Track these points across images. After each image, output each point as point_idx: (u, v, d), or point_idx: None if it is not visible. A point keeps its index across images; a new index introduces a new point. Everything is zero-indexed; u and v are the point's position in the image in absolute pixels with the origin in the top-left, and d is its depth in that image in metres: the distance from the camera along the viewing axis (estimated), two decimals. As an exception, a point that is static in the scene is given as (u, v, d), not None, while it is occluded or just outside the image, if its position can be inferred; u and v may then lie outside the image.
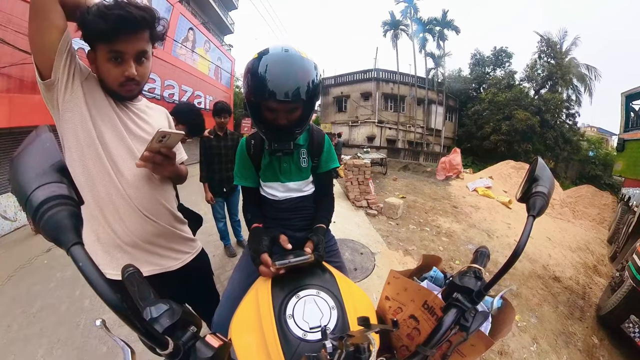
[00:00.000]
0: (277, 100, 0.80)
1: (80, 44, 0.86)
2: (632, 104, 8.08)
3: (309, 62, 0.85)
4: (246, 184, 1.14)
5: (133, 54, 0.80)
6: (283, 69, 0.80)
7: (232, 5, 18.90)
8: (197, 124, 1.80)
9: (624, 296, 2.21)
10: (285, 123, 0.88)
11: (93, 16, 0.73)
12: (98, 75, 0.84)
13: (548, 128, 18.69)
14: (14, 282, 2.66)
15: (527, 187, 0.61)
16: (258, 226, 1.03)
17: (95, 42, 0.79)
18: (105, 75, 0.82)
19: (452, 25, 20.86)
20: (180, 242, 1.08)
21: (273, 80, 0.79)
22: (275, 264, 0.78)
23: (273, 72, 0.79)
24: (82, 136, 0.81)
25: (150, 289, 0.47)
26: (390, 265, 3.06)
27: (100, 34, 0.75)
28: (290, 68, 0.81)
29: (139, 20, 0.76)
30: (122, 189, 0.87)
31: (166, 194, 1.01)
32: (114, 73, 0.80)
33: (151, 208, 0.94)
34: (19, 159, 0.37)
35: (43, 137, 0.39)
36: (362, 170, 5.57)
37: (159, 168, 0.87)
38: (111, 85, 0.83)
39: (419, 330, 0.70)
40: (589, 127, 29.04)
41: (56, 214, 0.34)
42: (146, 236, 0.94)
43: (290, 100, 0.81)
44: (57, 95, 0.77)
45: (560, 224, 6.28)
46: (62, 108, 0.78)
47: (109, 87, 0.84)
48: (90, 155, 0.82)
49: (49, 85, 0.76)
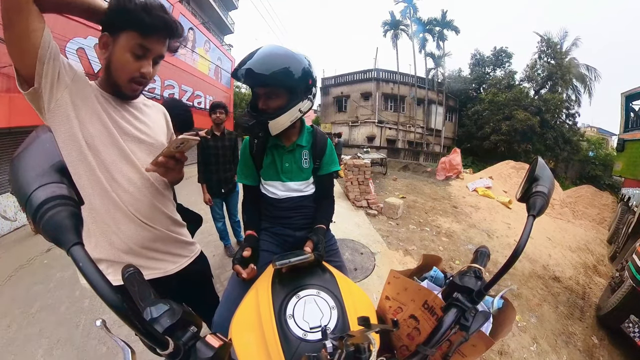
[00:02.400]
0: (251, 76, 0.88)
1: (81, 44, 0.85)
2: (632, 104, 8.10)
3: (294, 53, 0.93)
4: (247, 182, 1.17)
5: (155, 55, 0.81)
6: (264, 53, 0.90)
7: (232, 5, 18.91)
8: (185, 119, 1.76)
9: (623, 296, 2.21)
10: (263, 107, 0.97)
11: (136, 6, 0.73)
12: (107, 63, 0.78)
13: (548, 128, 18.70)
14: (14, 282, 2.66)
15: (527, 187, 0.61)
16: (252, 234, 1.04)
17: (123, 30, 0.75)
18: (118, 65, 0.77)
19: (452, 25, 20.87)
20: (178, 246, 1.04)
21: (253, 58, 0.89)
22: (275, 264, 0.78)
23: (257, 52, 0.91)
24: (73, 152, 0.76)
25: (150, 289, 0.47)
26: (390, 265, 3.06)
27: (140, 25, 0.74)
28: (270, 53, 0.91)
29: (174, 29, 0.81)
30: (118, 198, 0.83)
31: (163, 198, 0.97)
32: (131, 66, 0.78)
33: (148, 213, 0.90)
34: (19, 159, 0.37)
35: (43, 138, 0.39)
36: (362, 170, 5.57)
37: (170, 172, 0.85)
38: (120, 77, 0.79)
39: (419, 330, 0.70)
40: (589, 127, 29.04)
41: (56, 215, 0.34)
42: (143, 242, 0.90)
43: (261, 79, 0.89)
44: (42, 104, 0.72)
45: (560, 224, 6.28)
46: (48, 116, 0.74)
47: (116, 79, 0.80)
48: (83, 170, 0.78)
49: (32, 94, 0.71)
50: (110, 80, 0.81)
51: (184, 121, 1.78)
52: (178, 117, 1.76)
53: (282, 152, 1.10)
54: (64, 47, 4.96)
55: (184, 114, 1.77)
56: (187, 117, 1.79)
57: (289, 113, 0.97)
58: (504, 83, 20.59)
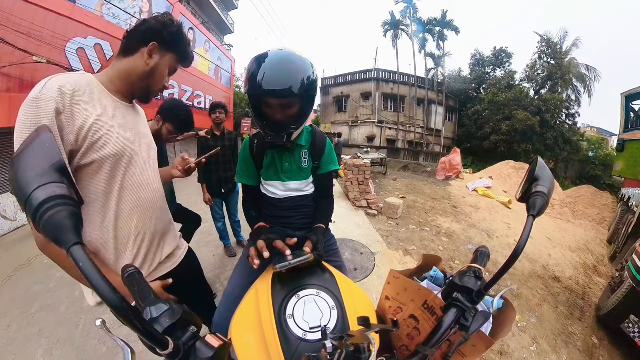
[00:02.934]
0: (272, 95, 0.87)
1: (80, 44, 0.86)
2: (631, 105, 8.09)
3: (303, 59, 0.91)
4: (247, 183, 1.17)
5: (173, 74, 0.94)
6: (277, 65, 0.87)
7: (232, 5, 18.90)
8: (185, 120, 1.76)
9: (623, 296, 2.21)
10: (281, 118, 0.93)
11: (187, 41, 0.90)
12: (150, 70, 0.84)
13: (548, 128, 18.70)
14: (13, 282, 2.66)
15: (527, 187, 0.61)
16: (264, 226, 1.04)
17: (172, 51, 0.87)
18: (159, 76, 0.88)
19: (452, 25, 20.88)
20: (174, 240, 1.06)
21: (268, 76, 0.85)
22: (276, 267, 0.77)
23: (268, 67, 0.86)
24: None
25: (150, 289, 0.47)
26: (390, 265, 3.06)
27: (182, 55, 0.91)
28: (284, 64, 0.88)
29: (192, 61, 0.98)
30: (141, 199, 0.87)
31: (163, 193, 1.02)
32: (164, 78, 0.90)
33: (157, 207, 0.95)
34: (19, 159, 0.37)
35: (43, 137, 0.39)
36: (362, 170, 5.57)
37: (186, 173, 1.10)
38: (157, 85, 0.89)
39: (419, 330, 0.70)
40: (589, 127, 29.05)
41: (56, 214, 0.34)
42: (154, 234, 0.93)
43: (284, 95, 0.87)
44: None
45: (560, 224, 6.28)
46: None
47: (151, 86, 0.88)
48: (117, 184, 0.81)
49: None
50: (142, 85, 0.86)
51: (184, 121, 1.77)
52: (178, 117, 1.75)
53: (282, 152, 1.10)
54: (64, 48, 4.97)
55: (184, 114, 1.76)
56: (188, 117, 1.78)
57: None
58: (504, 83, 20.60)
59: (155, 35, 0.83)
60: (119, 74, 0.83)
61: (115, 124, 0.79)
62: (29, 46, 4.36)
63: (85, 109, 0.72)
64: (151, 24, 0.83)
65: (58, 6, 4.88)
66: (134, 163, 0.85)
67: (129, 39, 0.83)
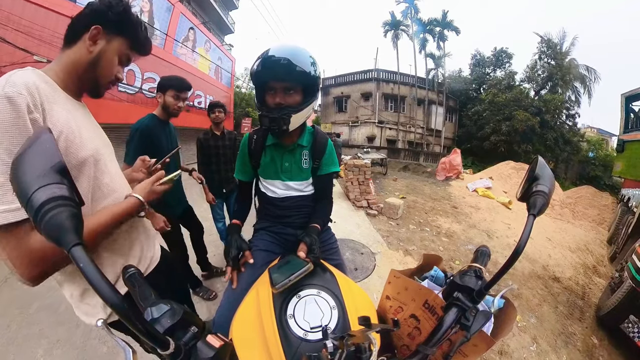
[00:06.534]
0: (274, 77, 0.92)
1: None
2: (631, 105, 8.10)
3: (308, 52, 0.95)
4: (242, 178, 1.20)
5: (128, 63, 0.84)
6: (281, 51, 0.92)
7: (233, 5, 18.91)
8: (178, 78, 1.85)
9: (623, 296, 2.22)
10: (280, 101, 0.95)
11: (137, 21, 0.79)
12: (94, 59, 0.73)
13: (548, 129, 18.71)
14: (13, 281, 2.66)
15: (528, 186, 0.61)
16: (238, 224, 1.11)
17: (119, 35, 0.76)
18: (107, 65, 0.76)
19: (452, 25, 20.89)
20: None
21: (272, 60, 0.91)
22: (276, 287, 0.75)
23: (272, 52, 0.92)
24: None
25: (151, 290, 0.47)
26: (391, 265, 3.06)
27: (134, 38, 0.79)
28: (287, 50, 0.93)
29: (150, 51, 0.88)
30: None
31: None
32: (114, 68, 0.78)
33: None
34: (19, 160, 0.37)
35: (43, 138, 0.39)
36: (363, 170, 5.57)
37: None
38: (105, 76, 0.77)
39: (420, 330, 0.70)
40: (589, 128, 29.09)
41: (57, 215, 0.34)
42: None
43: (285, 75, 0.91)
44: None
45: (560, 225, 6.28)
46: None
47: (99, 78, 0.77)
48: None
49: None
50: (88, 77, 0.75)
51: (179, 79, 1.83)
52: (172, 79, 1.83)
53: (282, 152, 1.10)
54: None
55: (175, 76, 1.87)
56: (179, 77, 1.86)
57: (308, 109, 0.99)
58: (504, 83, 20.59)
59: (98, 17, 0.72)
60: (65, 67, 0.73)
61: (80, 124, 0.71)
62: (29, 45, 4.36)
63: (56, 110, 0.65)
64: (94, 6, 0.72)
65: (58, 5, 4.90)
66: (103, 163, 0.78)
67: (72, 26, 0.73)
